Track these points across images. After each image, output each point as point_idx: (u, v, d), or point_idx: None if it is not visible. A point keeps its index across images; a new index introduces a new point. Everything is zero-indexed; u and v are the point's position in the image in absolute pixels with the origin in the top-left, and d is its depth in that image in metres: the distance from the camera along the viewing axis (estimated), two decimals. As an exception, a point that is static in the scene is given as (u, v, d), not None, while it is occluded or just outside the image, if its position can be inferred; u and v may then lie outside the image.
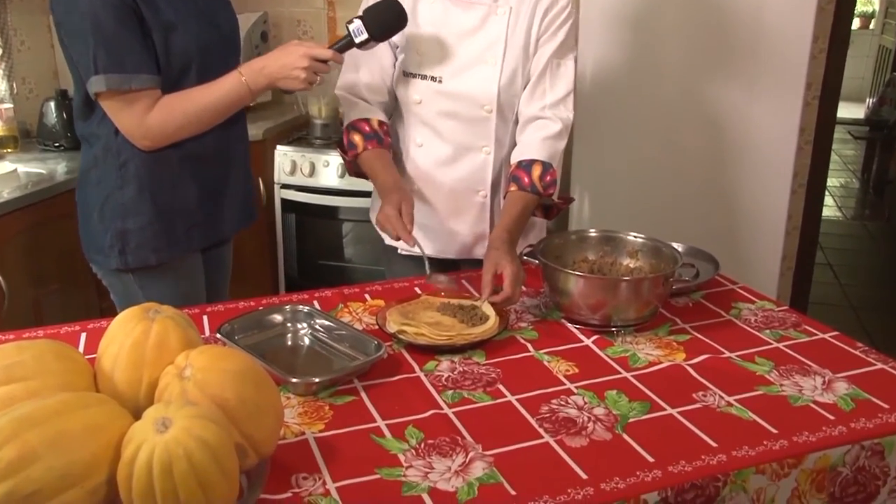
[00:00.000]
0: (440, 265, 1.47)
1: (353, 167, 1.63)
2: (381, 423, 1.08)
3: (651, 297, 1.34)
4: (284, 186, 2.71)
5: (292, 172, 2.68)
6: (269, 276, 2.83)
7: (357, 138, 1.56)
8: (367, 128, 1.56)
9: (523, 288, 1.52)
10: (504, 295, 1.37)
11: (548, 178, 1.53)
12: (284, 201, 2.72)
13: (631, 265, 1.47)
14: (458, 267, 1.69)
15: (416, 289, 1.52)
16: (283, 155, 2.68)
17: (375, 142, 1.56)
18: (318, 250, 2.81)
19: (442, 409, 1.12)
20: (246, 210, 1.68)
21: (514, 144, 1.58)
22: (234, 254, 1.75)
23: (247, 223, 1.70)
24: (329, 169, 2.65)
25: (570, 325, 1.38)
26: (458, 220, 1.65)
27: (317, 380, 1.15)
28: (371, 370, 1.21)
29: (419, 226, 1.55)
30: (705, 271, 1.55)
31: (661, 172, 2.58)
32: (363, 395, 1.16)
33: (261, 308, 1.40)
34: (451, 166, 1.61)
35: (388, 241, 1.67)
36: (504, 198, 1.57)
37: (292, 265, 2.81)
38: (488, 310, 1.36)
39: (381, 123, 1.58)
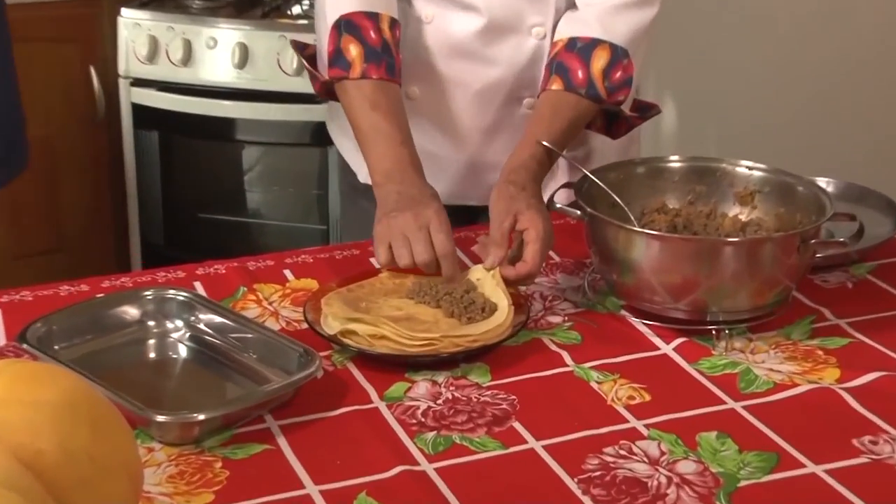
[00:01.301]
0: (452, 216, 1.47)
1: (327, 90, 1.61)
2: (311, 490, 1.09)
3: (778, 273, 1.34)
4: (137, 83, 2.69)
5: (152, 58, 2.66)
6: (111, 240, 2.82)
7: (354, 52, 1.53)
8: (371, 35, 1.52)
9: (555, 257, 1.53)
10: (526, 269, 1.37)
11: (618, 74, 1.53)
12: (139, 109, 2.70)
13: (742, 217, 1.47)
14: (478, 219, 1.70)
15: (374, 259, 1.52)
16: (135, 27, 2.66)
17: (384, 67, 1.52)
18: (201, 196, 2.81)
19: (417, 464, 1.13)
20: (7, 150, 1.62)
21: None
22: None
23: (6, 175, 1.64)
24: (217, 52, 2.64)
25: (635, 321, 1.39)
26: (487, 145, 1.66)
27: (201, 417, 1.15)
28: (295, 400, 1.22)
29: (422, 151, 1.55)
30: (876, 227, 1.56)
31: (795, 60, 2.58)
32: (281, 441, 1.16)
33: (100, 295, 1.38)
34: (481, 56, 1.61)
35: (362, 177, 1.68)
36: (538, 99, 1.57)
37: (154, 221, 2.81)
38: (495, 293, 1.36)
39: (393, 25, 1.55)
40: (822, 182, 1.53)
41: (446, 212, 1.42)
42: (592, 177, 1.43)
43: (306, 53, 1.66)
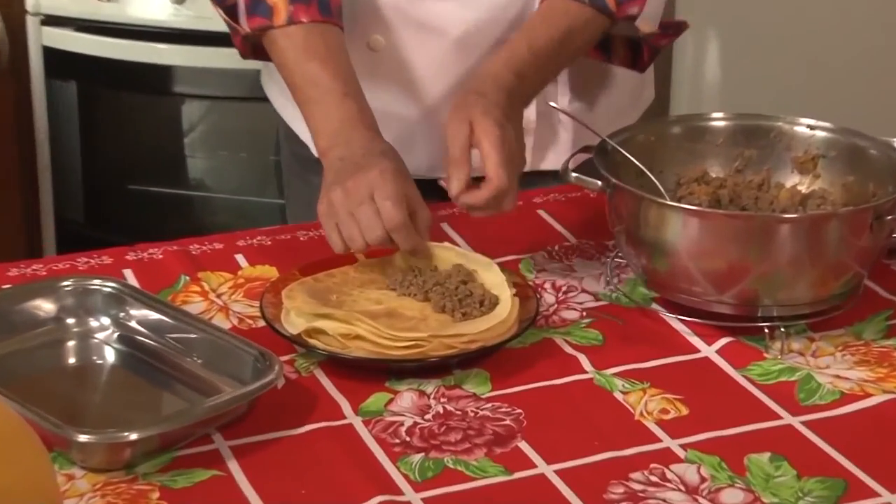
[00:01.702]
0: (430, 194, 1.48)
1: (251, 46, 1.62)
2: (270, 527, 1.10)
3: (846, 257, 1.35)
4: (50, 21, 2.69)
5: (69, -8, 2.66)
6: (18, 217, 2.82)
7: None
8: None
9: (571, 239, 1.52)
10: (492, 186, 1.36)
11: None
12: (52, 54, 2.71)
13: (802, 188, 1.48)
14: None
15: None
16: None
17: (316, 6, 1.52)
18: (130, 163, 2.80)
19: (400, 493, 1.13)
20: None
21: None
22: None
23: None
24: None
25: (669, 318, 1.40)
26: None
27: (133, 437, 1.15)
28: (250, 415, 1.22)
29: (389, 116, 1.56)
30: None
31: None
32: (233, 466, 1.17)
33: (6, 287, 1.39)
34: None
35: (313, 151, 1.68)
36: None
37: (72, 194, 2.81)
38: (498, 285, 1.37)
39: None
40: (901, 143, 1.54)
41: (406, 170, 1.41)
42: (612, 142, 1.43)
43: (227, 4, 1.63)
